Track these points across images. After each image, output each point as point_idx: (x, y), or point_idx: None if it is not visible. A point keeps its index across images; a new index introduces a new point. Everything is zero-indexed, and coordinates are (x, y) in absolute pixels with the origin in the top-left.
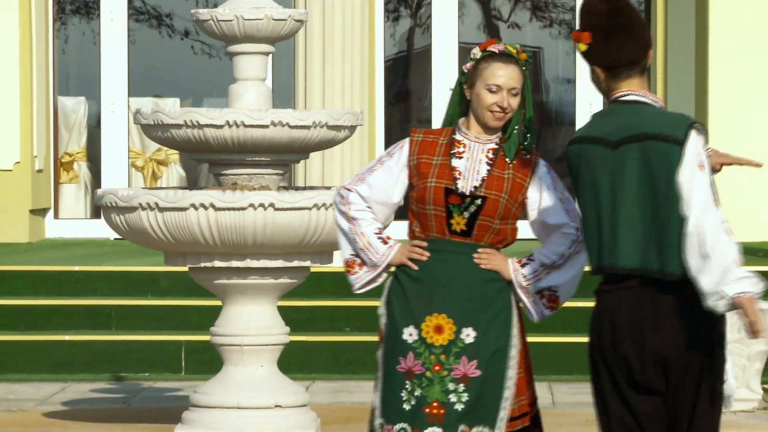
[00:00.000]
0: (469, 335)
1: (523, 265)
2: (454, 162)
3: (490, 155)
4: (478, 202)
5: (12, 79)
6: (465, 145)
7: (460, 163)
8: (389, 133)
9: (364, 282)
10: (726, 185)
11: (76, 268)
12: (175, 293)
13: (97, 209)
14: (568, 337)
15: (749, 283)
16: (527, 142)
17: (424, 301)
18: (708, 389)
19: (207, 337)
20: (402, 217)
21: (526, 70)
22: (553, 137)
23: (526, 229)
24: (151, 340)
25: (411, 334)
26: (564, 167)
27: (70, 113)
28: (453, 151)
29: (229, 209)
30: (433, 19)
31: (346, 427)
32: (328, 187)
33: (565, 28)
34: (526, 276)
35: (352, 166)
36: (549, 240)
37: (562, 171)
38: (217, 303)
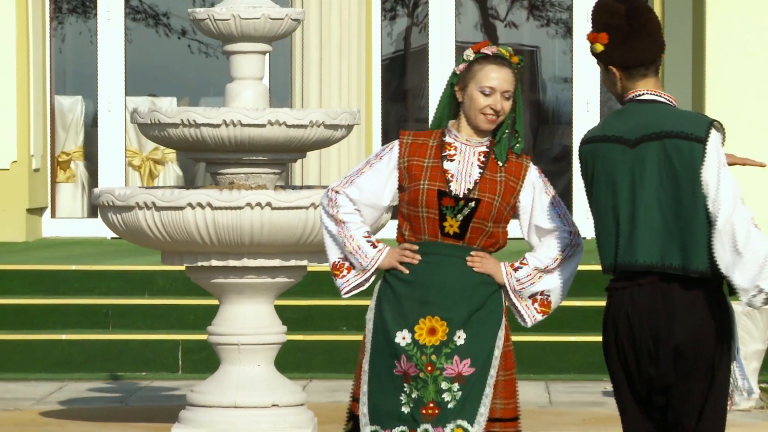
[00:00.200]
0: (460, 337)
1: (516, 269)
2: (446, 165)
3: (482, 158)
4: (472, 204)
5: (9, 78)
6: (456, 148)
7: (452, 166)
8: (386, 133)
9: (352, 286)
10: None
11: (73, 268)
12: (172, 292)
13: (94, 208)
14: (565, 337)
15: None
16: (518, 146)
17: (417, 303)
18: (718, 383)
19: (204, 337)
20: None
21: (518, 73)
22: (550, 136)
23: (516, 228)
24: (148, 339)
25: (404, 337)
26: (562, 166)
27: (67, 112)
28: (444, 154)
29: (226, 208)
30: (430, 18)
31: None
32: (325, 187)
33: (562, 27)
34: (520, 280)
35: (349, 165)
36: (542, 244)
37: (560, 170)
38: (214, 302)
